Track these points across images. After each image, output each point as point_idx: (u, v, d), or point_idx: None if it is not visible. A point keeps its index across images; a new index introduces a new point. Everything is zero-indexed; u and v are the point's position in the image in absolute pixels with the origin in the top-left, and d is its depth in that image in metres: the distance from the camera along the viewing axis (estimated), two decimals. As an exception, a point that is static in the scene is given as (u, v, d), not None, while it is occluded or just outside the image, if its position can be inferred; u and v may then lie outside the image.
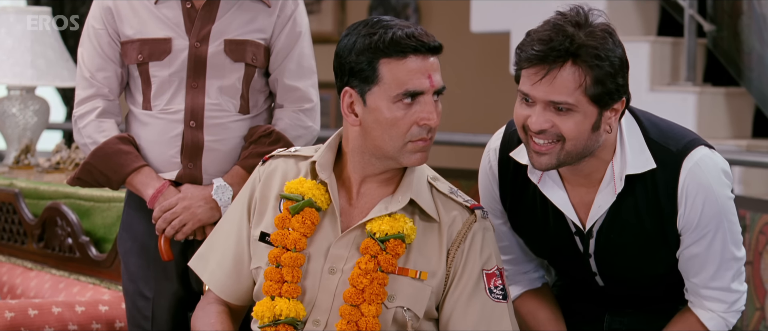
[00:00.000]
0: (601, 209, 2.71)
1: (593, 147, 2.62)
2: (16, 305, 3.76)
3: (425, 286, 2.60)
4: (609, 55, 2.55)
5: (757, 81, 5.66)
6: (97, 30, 3.26)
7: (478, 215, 2.65)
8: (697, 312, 2.78)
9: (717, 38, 5.87)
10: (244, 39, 3.21)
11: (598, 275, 2.82)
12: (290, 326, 2.61)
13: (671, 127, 2.74)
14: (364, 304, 2.56)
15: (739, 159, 5.26)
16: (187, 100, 3.20)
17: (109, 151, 3.21)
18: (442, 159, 6.08)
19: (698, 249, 2.70)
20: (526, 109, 2.59)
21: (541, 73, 2.54)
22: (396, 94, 2.57)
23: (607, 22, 2.61)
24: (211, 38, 3.19)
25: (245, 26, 3.21)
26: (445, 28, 8.19)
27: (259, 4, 3.22)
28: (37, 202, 4.39)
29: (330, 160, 2.67)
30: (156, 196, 3.18)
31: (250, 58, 3.21)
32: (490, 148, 2.85)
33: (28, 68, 5.02)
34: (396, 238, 2.57)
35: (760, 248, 4.86)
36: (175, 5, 3.21)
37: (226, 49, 3.19)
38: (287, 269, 2.61)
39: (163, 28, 3.21)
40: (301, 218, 2.63)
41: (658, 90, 5.83)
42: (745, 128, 5.96)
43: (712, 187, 2.66)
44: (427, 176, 2.68)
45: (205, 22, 3.20)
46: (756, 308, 4.87)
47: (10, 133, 5.17)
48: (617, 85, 2.57)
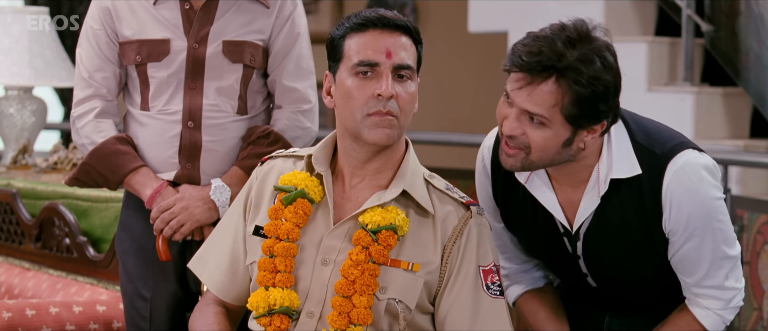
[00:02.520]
0: (586, 210, 2.71)
1: (562, 160, 2.63)
2: (13, 306, 3.75)
3: (418, 278, 2.60)
4: (593, 82, 2.53)
5: (755, 81, 5.66)
6: (96, 30, 3.26)
7: (474, 211, 2.65)
8: (694, 310, 2.78)
9: (715, 38, 5.87)
10: (242, 40, 3.21)
11: (590, 276, 2.82)
12: (285, 315, 2.61)
13: (659, 129, 2.73)
14: (356, 295, 2.57)
15: (736, 159, 5.26)
16: (185, 101, 3.20)
17: (106, 151, 3.21)
18: (440, 159, 6.08)
19: (688, 251, 2.69)
20: (506, 108, 2.61)
21: (523, 82, 2.55)
22: (352, 65, 2.61)
23: (608, 42, 2.59)
24: (209, 39, 3.19)
25: (244, 27, 3.21)
26: (443, 28, 8.19)
27: (258, 5, 3.22)
28: (34, 202, 4.39)
29: (326, 155, 2.69)
30: (154, 196, 3.18)
31: (248, 60, 3.21)
32: (485, 146, 2.86)
33: (26, 68, 5.01)
34: (388, 229, 2.58)
35: (757, 248, 4.86)
36: (173, 6, 3.21)
37: (224, 50, 3.19)
38: (280, 259, 2.63)
39: (162, 29, 3.20)
40: (294, 208, 2.65)
41: (656, 90, 5.83)
42: (743, 128, 5.96)
43: (697, 190, 2.65)
44: (423, 173, 2.69)
45: (204, 23, 3.20)
46: (754, 307, 4.87)
47: (8, 133, 5.16)
48: (597, 111, 2.56)
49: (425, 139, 6.87)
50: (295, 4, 3.28)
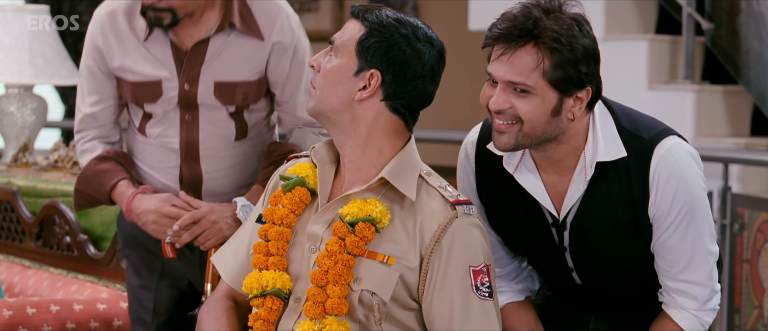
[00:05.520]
0: (573, 197, 2.72)
1: (554, 132, 2.64)
2: (14, 304, 3.76)
3: (392, 271, 2.59)
4: (571, 42, 2.57)
5: (756, 79, 5.66)
6: (90, 66, 3.27)
7: (460, 211, 2.62)
8: (671, 312, 2.77)
9: (715, 36, 5.87)
10: (234, 81, 3.18)
11: (575, 271, 2.82)
12: (277, 297, 2.64)
13: (644, 117, 2.76)
14: (330, 285, 2.58)
15: (737, 157, 5.27)
16: (181, 135, 3.22)
17: (88, 174, 3.26)
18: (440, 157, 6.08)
19: (671, 239, 2.69)
20: (491, 89, 2.64)
21: (502, 50, 2.59)
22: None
23: (581, 13, 2.63)
24: (200, 80, 3.17)
25: (236, 68, 3.18)
26: (444, 26, 8.19)
27: (251, 39, 3.18)
28: (35, 200, 4.39)
29: (329, 148, 2.71)
30: (127, 214, 3.20)
31: (240, 99, 3.20)
32: (467, 141, 2.87)
33: (26, 66, 5.02)
34: (365, 221, 2.58)
35: (758, 246, 4.86)
36: (163, 43, 3.19)
37: (215, 92, 3.18)
38: (273, 242, 2.66)
39: (153, 68, 3.19)
40: (291, 195, 2.68)
41: (657, 88, 5.84)
42: (744, 126, 5.97)
43: (683, 173, 2.67)
44: (421, 170, 2.68)
45: (194, 63, 3.17)
46: (754, 306, 4.87)
47: (8, 131, 5.16)
48: (579, 73, 2.59)
49: (425, 137, 6.87)
50: (293, 29, 3.23)
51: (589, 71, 2.61)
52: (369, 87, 2.61)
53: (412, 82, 2.64)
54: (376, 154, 2.65)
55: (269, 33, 3.19)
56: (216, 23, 3.16)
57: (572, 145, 2.69)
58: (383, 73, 2.61)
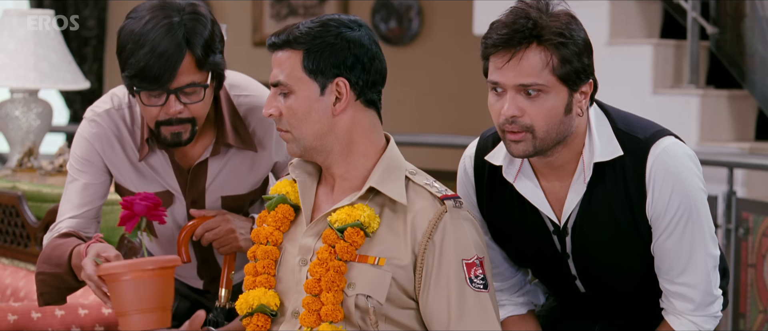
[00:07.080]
0: (573, 201, 2.72)
1: (567, 131, 2.65)
2: (19, 308, 3.76)
3: (384, 272, 2.61)
4: (573, 35, 2.59)
5: (760, 83, 5.66)
6: (84, 181, 3.10)
7: (449, 205, 2.63)
8: (668, 319, 2.76)
9: (720, 41, 5.87)
10: (241, 194, 3.13)
11: (578, 279, 2.82)
12: (263, 315, 2.68)
13: (639, 119, 2.77)
14: (323, 292, 2.60)
15: (741, 162, 5.26)
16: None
17: (47, 251, 3.01)
18: (445, 162, 6.08)
19: (668, 240, 2.69)
20: (499, 99, 2.63)
21: (507, 56, 2.59)
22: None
23: (567, 9, 2.64)
24: (207, 195, 3.11)
25: (241, 182, 3.12)
26: (448, 30, 8.19)
27: (250, 152, 3.09)
28: (40, 205, 4.39)
29: (304, 160, 2.73)
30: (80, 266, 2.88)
31: (248, 205, 3.16)
32: (466, 155, 2.87)
33: (31, 71, 5.02)
34: (353, 226, 2.60)
35: (763, 250, 4.86)
36: (162, 159, 3.07)
37: (223, 204, 3.12)
38: (260, 261, 2.71)
39: (156, 185, 3.09)
40: (275, 213, 2.72)
41: (661, 93, 5.83)
42: (748, 131, 5.96)
43: (679, 173, 2.67)
44: (406, 171, 2.69)
45: (197, 182, 3.10)
46: (759, 310, 4.87)
47: (13, 136, 5.17)
48: (584, 65, 2.61)
49: (430, 141, 6.87)
50: None
51: (590, 63, 2.64)
52: (342, 95, 2.63)
53: (371, 65, 2.64)
54: (362, 161, 2.67)
55: (269, 145, 3.10)
56: (211, 141, 3.05)
57: (573, 148, 2.69)
58: (347, 75, 2.62)
